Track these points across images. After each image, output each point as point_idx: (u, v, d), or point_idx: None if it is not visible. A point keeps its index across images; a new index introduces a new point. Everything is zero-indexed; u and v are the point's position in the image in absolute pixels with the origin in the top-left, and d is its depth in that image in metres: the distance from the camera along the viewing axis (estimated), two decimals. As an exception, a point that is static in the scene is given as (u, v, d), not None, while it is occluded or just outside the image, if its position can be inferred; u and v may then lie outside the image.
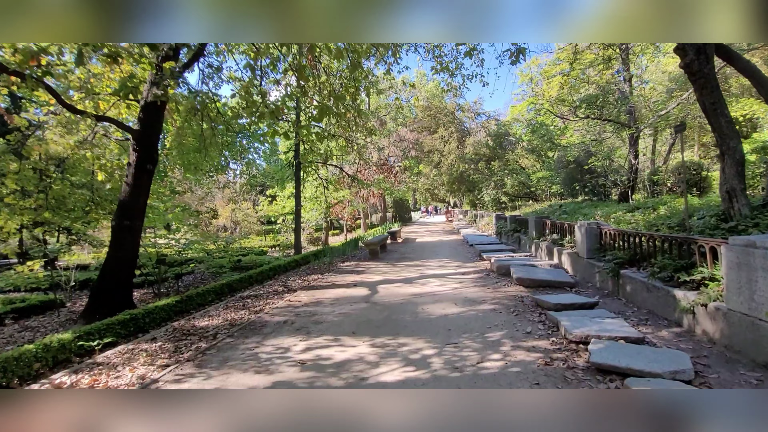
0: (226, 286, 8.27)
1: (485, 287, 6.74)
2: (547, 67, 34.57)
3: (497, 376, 3.25)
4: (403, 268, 9.62)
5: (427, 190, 42.26)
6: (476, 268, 8.92)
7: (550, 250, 8.77)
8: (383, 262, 11.06)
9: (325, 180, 16.74)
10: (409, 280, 7.98)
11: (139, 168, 7.29)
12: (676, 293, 4.14)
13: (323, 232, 21.04)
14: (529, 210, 18.39)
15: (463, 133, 33.51)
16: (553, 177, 19.03)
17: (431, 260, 10.83)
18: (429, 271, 8.98)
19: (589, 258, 6.65)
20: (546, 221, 10.01)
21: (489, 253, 10.26)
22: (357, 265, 10.67)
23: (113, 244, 7.20)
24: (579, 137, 22.62)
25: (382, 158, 26.36)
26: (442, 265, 9.86)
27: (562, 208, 13.49)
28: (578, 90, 16.83)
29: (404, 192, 38.66)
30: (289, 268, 11.35)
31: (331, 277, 8.95)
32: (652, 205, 8.48)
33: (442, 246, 14.69)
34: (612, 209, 9.83)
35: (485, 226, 19.29)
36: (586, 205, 12.72)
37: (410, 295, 6.55)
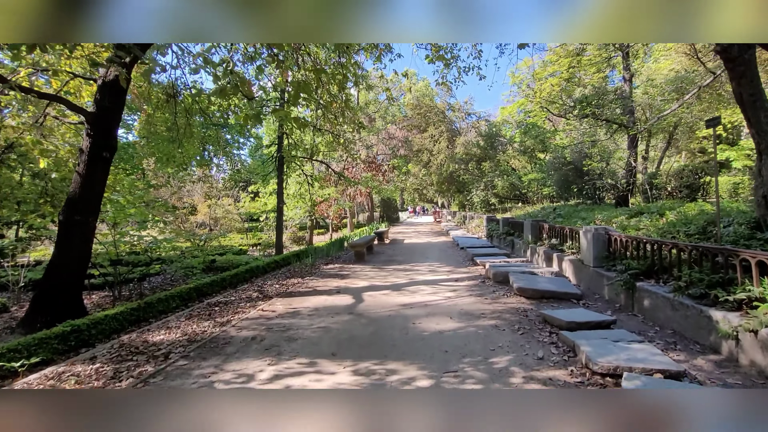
0: (194, 291, 7.42)
1: (482, 297, 6.07)
2: (539, 69, 34.42)
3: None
4: (391, 273, 8.91)
5: (416, 190, 41.71)
6: (469, 274, 8.27)
7: (549, 256, 8.19)
8: (370, 265, 10.33)
9: (310, 176, 15.91)
10: (397, 286, 7.27)
11: (93, 156, 6.38)
12: (713, 314, 3.53)
13: (307, 231, 20.18)
14: (520, 212, 17.91)
15: (453, 132, 33.02)
16: (545, 179, 18.60)
17: (421, 264, 10.15)
18: (419, 276, 8.29)
19: (596, 267, 6.05)
20: (543, 225, 9.44)
21: (482, 258, 9.64)
22: (341, 268, 9.92)
23: (60, 242, 6.28)
24: (570, 139, 22.35)
25: (370, 156, 25.62)
26: (433, 269, 9.19)
27: (557, 211, 12.99)
28: (570, 92, 16.42)
29: (392, 191, 38.00)
30: (268, 270, 10.52)
31: (313, 281, 8.17)
32: (657, 210, 7.97)
33: (432, 248, 14.04)
34: (612, 213, 9.33)
35: (475, 228, 18.75)
36: (582, 209, 12.25)
37: (399, 305, 5.84)
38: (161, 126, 12.07)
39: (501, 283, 6.97)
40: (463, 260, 10.55)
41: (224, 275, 8.61)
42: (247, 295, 7.06)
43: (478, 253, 10.46)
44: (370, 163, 24.55)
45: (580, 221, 9.63)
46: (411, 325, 4.83)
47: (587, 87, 15.84)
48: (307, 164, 19.61)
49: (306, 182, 15.19)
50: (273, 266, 10.94)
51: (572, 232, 7.59)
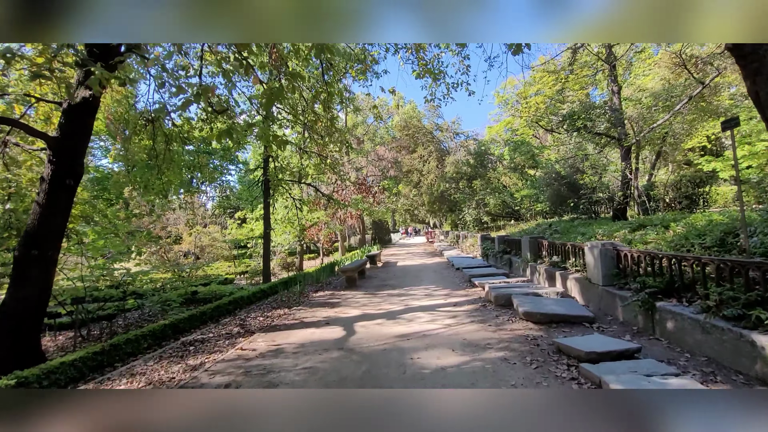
0: (169, 328, 6.75)
1: (485, 324, 5.54)
2: (524, 88, 34.89)
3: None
4: (385, 299, 8.33)
5: (407, 211, 41.43)
6: (468, 297, 7.74)
7: (551, 274, 7.73)
8: (362, 291, 9.74)
9: (299, 200, 15.43)
10: (392, 314, 6.70)
11: (54, 184, 5.83)
12: (757, 339, 3.06)
13: (297, 256, 19.52)
14: (514, 230, 17.56)
15: (442, 152, 33.08)
16: (537, 195, 18.39)
17: (416, 288, 9.60)
18: (415, 302, 7.73)
19: (605, 285, 5.59)
20: (542, 242, 9.03)
21: (481, 279, 9.14)
22: (332, 296, 9.30)
23: (15, 280, 5.61)
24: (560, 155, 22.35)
25: (360, 177, 25.33)
26: (429, 293, 8.64)
27: (553, 227, 12.64)
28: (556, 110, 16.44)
29: (383, 213, 37.64)
30: (254, 300, 9.85)
31: (300, 312, 7.55)
32: (660, 222, 7.62)
33: (426, 270, 13.51)
34: (612, 228, 8.97)
35: (470, 247, 18.31)
36: (578, 224, 11.90)
37: (395, 336, 5.27)
38: (141, 153, 11.59)
39: (504, 307, 6.46)
40: (460, 282, 10.02)
41: (205, 308, 7.96)
42: (228, 331, 6.41)
43: (475, 274, 9.96)
44: (360, 185, 24.21)
45: (580, 237, 9.24)
46: (409, 360, 4.26)
47: (573, 103, 15.87)
48: (296, 188, 19.18)
49: (294, 206, 14.67)
50: (259, 296, 10.28)
51: (575, 248, 7.16)
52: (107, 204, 18.82)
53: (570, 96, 17.68)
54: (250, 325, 6.74)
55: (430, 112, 36.34)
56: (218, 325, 6.98)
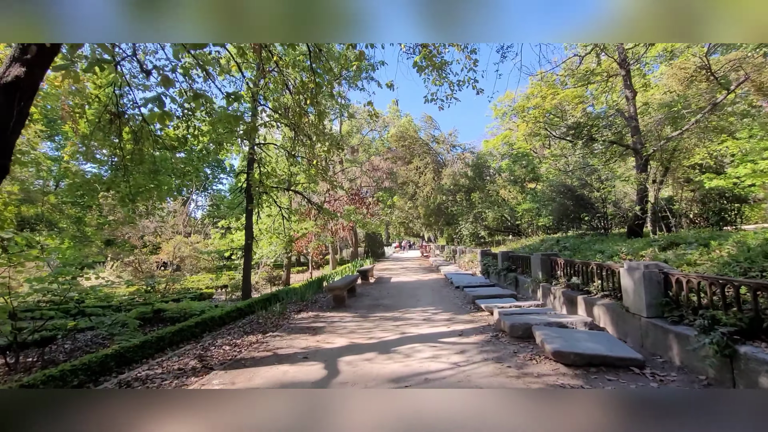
0: (113, 359, 5.51)
1: (503, 365, 4.39)
2: (521, 101, 34.33)
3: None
4: (377, 324, 7.15)
5: (401, 224, 40.38)
6: (475, 324, 6.60)
7: (570, 298, 6.63)
8: (351, 312, 8.54)
9: (286, 209, 14.26)
10: (385, 346, 5.52)
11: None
12: None
13: (284, 269, 18.23)
14: (516, 245, 16.52)
15: (438, 164, 32.26)
16: (539, 209, 17.44)
17: (413, 310, 8.42)
18: (412, 329, 6.55)
19: (651, 317, 4.50)
20: (556, 260, 7.95)
21: (487, 301, 8.00)
22: (316, 318, 8.09)
23: None
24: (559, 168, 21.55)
25: (354, 188, 24.27)
26: (429, 318, 7.48)
27: (561, 243, 11.61)
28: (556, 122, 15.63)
29: (377, 225, 36.48)
30: (226, 320, 8.60)
31: (276, 340, 6.33)
32: (696, 240, 6.61)
33: (423, 288, 12.34)
34: (634, 245, 7.95)
35: (468, 263, 17.19)
36: (590, 241, 10.90)
37: (388, 380, 4.09)
38: (106, 151, 10.42)
39: (521, 339, 5.32)
40: (462, 303, 8.87)
41: (163, 332, 6.71)
42: (182, 365, 5.17)
43: (479, 295, 8.82)
44: (353, 195, 23.14)
45: (599, 255, 8.19)
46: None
47: (579, 112, 15.05)
48: (284, 196, 18.02)
49: (281, 215, 13.50)
50: (234, 315, 9.03)
51: (602, 269, 6.08)
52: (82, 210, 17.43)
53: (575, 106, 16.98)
54: (212, 357, 5.50)
55: (426, 123, 35.69)
56: (174, 356, 5.73)
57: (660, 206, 9.22)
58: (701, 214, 9.10)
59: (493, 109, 39.79)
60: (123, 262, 16.20)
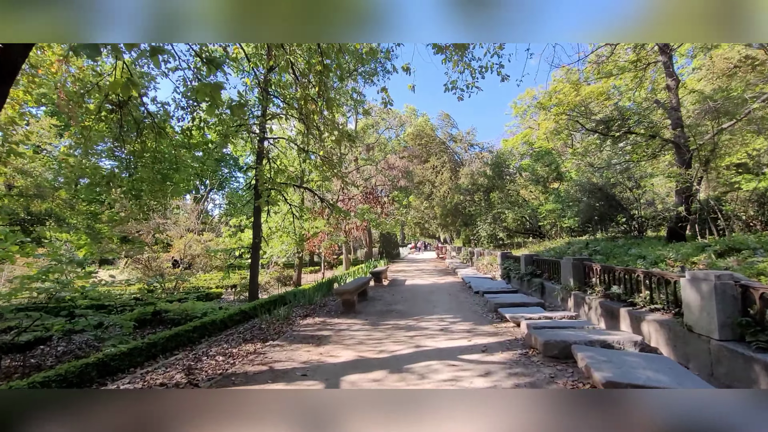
0: (94, 368, 4.99)
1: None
2: (543, 99, 33.08)
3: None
4: (389, 334, 6.43)
5: (417, 224, 39.55)
6: (499, 337, 5.81)
7: (611, 311, 5.77)
8: (361, 318, 7.85)
9: (298, 207, 13.69)
10: (397, 362, 4.80)
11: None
12: None
13: (295, 269, 17.70)
14: (539, 248, 15.53)
15: (456, 163, 31.32)
16: (563, 210, 16.38)
17: (429, 317, 7.67)
18: (428, 341, 5.81)
19: (725, 341, 3.64)
20: (591, 266, 7.07)
21: (511, 310, 7.19)
22: (323, 324, 7.43)
23: None
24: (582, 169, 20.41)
25: (368, 187, 23.62)
26: (446, 327, 6.71)
27: (591, 246, 10.64)
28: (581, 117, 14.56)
29: (392, 225, 35.80)
30: (229, 324, 8.07)
31: (275, 351, 5.68)
32: (761, 245, 5.64)
33: (439, 292, 11.55)
34: (681, 250, 7.00)
35: (487, 266, 16.28)
36: (624, 244, 9.91)
37: (400, 411, 3.37)
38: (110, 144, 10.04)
39: (557, 360, 4.51)
40: (483, 311, 8.07)
41: (155, 338, 6.18)
42: (166, 379, 4.57)
43: (502, 302, 8.00)
44: (368, 194, 22.48)
45: (639, 261, 7.26)
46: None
47: (610, 106, 13.96)
48: (295, 193, 17.50)
49: (291, 213, 12.93)
50: (237, 319, 8.48)
51: (650, 277, 5.21)
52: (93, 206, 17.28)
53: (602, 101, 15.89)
54: (201, 369, 4.89)
55: (444, 121, 34.80)
56: (161, 367, 5.15)
57: (709, 206, 8.18)
58: (756, 216, 8.04)
59: (513, 107, 38.59)
60: (133, 260, 15.96)
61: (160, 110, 9.22)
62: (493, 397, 2.28)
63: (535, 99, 35.26)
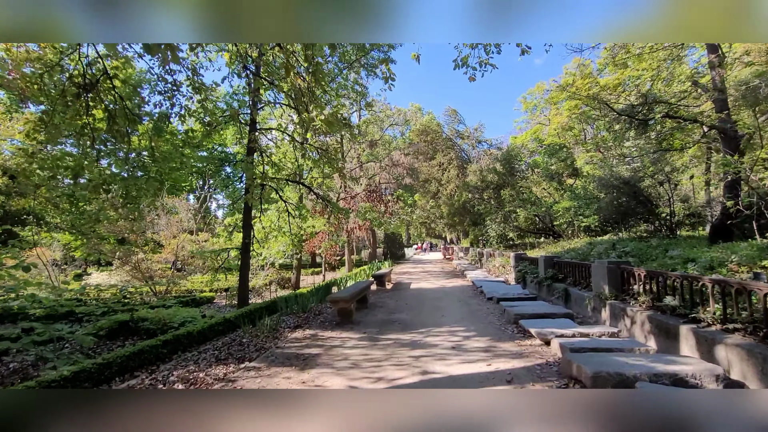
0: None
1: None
2: (554, 92, 31.62)
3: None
4: (390, 353, 5.34)
5: (423, 224, 38.41)
6: (526, 359, 4.70)
7: (664, 328, 4.63)
8: (358, 331, 6.77)
9: (294, 205, 12.65)
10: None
11: None
12: None
13: (294, 271, 16.68)
14: (556, 249, 14.35)
15: (463, 160, 30.16)
16: (580, 208, 15.16)
17: (437, 331, 6.58)
18: (438, 365, 4.70)
19: None
20: (633, 270, 5.93)
21: (536, 323, 6.07)
22: (313, 338, 6.37)
23: None
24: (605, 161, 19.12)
25: (372, 185, 22.54)
26: (459, 344, 5.61)
27: (619, 247, 9.47)
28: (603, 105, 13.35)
29: (397, 226, 34.64)
30: (210, 335, 7.04)
31: (249, 376, 4.61)
32: None
33: (448, 297, 10.45)
34: (744, 251, 5.84)
35: (499, 268, 15.13)
36: (658, 244, 8.73)
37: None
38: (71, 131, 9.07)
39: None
40: (500, 322, 6.96)
41: (112, 357, 5.18)
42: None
43: (522, 313, 6.87)
44: (371, 192, 21.41)
45: (689, 265, 6.10)
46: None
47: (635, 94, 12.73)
48: (292, 191, 16.48)
49: (285, 211, 11.89)
50: (220, 329, 7.46)
51: (723, 286, 4.07)
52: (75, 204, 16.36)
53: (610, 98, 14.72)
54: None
55: (450, 117, 33.64)
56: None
57: (765, 201, 7.00)
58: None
59: (523, 102, 37.31)
60: (123, 262, 15.05)
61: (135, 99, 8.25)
62: (494, 397, 2.30)
63: (546, 93, 34.00)
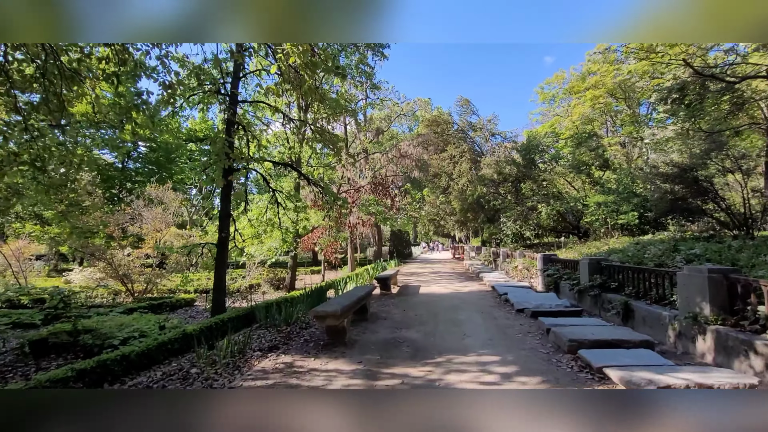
0: None
1: None
2: (574, 81, 29.24)
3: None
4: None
5: (431, 221, 36.47)
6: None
7: None
8: (351, 360, 4.93)
9: (287, 194, 10.87)
10: None
11: None
12: None
13: (288, 271, 14.92)
14: (588, 249, 12.38)
15: (476, 153, 28.17)
16: (619, 203, 13.14)
17: (461, 362, 4.72)
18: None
19: None
20: (751, 283, 4.01)
21: (604, 356, 4.20)
22: (288, 371, 4.55)
23: None
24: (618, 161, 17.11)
25: (378, 177, 20.69)
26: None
27: (683, 249, 7.53)
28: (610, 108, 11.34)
29: (404, 222, 32.72)
30: (157, 359, 5.31)
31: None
32: None
33: (466, 306, 8.58)
34: None
35: (521, 271, 13.19)
36: (740, 247, 6.80)
37: None
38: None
39: None
40: (546, 349, 5.08)
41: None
42: None
43: (578, 338, 4.97)
44: (377, 185, 19.58)
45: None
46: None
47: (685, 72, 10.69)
48: (286, 178, 14.70)
49: (275, 202, 10.09)
50: (175, 348, 5.74)
51: None
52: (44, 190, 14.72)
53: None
54: None
55: (462, 108, 31.62)
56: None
57: None
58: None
59: (540, 93, 35.10)
60: (96, 258, 13.41)
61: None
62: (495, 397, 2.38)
63: (565, 83, 31.78)
